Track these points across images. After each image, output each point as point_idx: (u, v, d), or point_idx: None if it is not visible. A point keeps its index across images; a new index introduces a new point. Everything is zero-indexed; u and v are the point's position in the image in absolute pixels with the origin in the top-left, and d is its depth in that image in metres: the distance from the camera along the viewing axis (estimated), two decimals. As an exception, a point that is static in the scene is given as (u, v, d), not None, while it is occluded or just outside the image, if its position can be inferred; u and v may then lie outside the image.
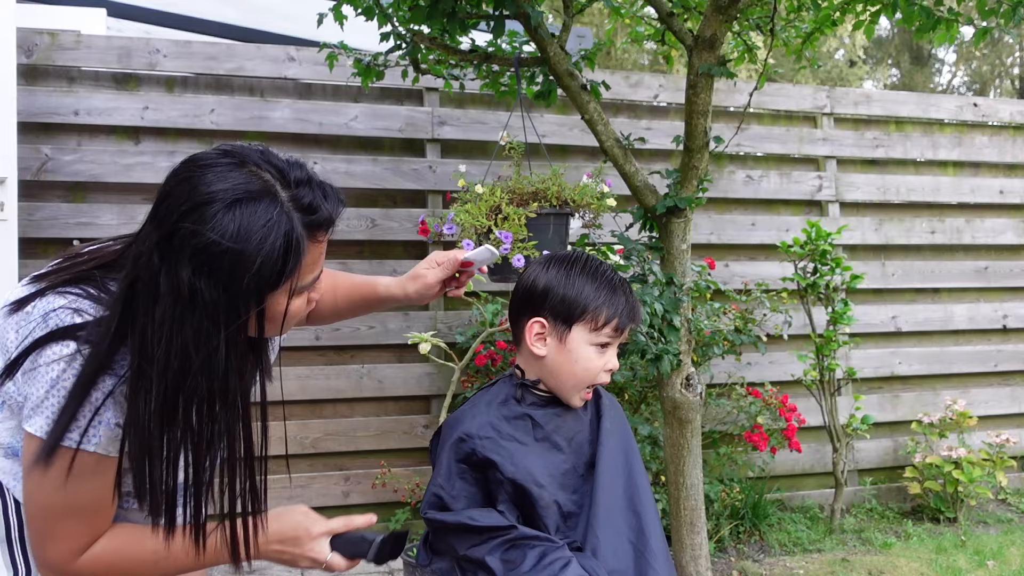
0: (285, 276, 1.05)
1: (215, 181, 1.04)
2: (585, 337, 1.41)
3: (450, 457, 1.39)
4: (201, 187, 1.04)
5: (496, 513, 1.35)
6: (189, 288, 1.00)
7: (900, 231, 4.35)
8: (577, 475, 1.43)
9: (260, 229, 1.02)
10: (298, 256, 1.06)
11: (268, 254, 1.02)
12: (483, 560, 1.31)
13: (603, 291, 1.42)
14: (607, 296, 1.42)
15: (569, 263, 1.46)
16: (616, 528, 1.39)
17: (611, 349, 1.45)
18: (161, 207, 1.06)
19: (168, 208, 1.05)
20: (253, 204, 1.03)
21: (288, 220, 1.04)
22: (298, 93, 3.62)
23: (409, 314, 3.59)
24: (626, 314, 1.43)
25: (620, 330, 1.43)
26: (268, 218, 1.03)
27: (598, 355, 1.43)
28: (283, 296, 1.09)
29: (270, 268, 1.03)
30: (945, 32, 2.43)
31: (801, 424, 3.68)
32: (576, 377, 1.43)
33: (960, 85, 17.93)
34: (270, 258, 1.02)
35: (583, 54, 2.92)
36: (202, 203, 1.02)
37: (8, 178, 2.94)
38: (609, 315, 1.41)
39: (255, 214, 1.02)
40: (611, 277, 1.45)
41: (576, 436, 1.46)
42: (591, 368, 1.42)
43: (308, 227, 1.07)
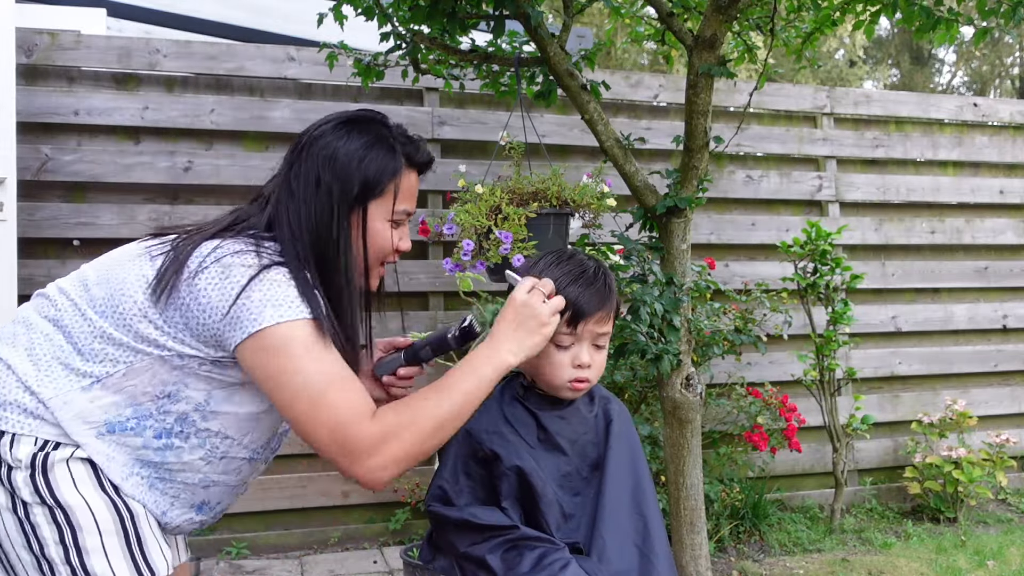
0: (385, 181, 1.34)
1: (335, 114, 1.39)
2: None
3: (456, 452, 1.39)
4: (326, 118, 1.38)
5: (499, 512, 1.35)
6: (316, 177, 1.31)
7: (900, 231, 4.35)
8: (580, 477, 1.44)
9: (369, 139, 1.35)
10: (397, 171, 1.35)
11: (373, 158, 1.33)
12: (483, 558, 1.32)
13: (558, 286, 1.39)
14: (561, 292, 1.39)
15: (534, 263, 1.47)
16: (622, 530, 1.39)
17: (578, 345, 1.42)
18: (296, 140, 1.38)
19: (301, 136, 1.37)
20: (365, 125, 1.36)
21: (391, 143, 1.36)
22: (298, 93, 3.62)
23: (409, 314, 3.60)
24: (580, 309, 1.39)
25: (573, 325, 1.40)
26: (377, 136, 1.35)
27: (559, 351, 1.41)
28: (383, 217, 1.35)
29: (374, 170, 1.33)
30: (945, 32, 2.43)
31: (801, 424, 3.68)
32: (546, 374, 1.43)
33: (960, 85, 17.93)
34: (374, 162, 1.33)
35: (583, 54, 2.92)
36: (326, 122, 1.37)
37: (8, 178, 2.94)
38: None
39: (365, 131, 1.36)
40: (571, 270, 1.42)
41: (580, 438, 1.46)
42: (556, 363, 1.41)
43: (406, 155, 1.37)
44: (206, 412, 1.28)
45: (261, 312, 1.19)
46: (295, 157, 1.35)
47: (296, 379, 1.20)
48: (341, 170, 1.31)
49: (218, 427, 1.30)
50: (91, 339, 1.24)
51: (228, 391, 1.29)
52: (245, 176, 3.45)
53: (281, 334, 1.20)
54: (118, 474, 1.25)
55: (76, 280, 1.32)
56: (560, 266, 1.43)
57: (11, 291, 2.89)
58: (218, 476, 1.34)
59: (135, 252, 1.31)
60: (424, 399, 1.27)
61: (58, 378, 1.23)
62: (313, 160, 1.32)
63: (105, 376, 1.23)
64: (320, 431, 1.21)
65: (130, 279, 1.26)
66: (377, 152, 1.33)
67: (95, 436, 1.23)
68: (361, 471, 1.22)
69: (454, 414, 1.27)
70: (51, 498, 1.20)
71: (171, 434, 1.27)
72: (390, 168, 1.34)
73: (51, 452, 1.21)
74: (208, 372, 1.26)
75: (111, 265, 1.31)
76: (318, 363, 1.21)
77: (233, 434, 1.31)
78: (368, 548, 3.43)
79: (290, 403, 1.21)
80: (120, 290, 1.26)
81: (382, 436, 1.21)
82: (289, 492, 3.44)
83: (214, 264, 1.22)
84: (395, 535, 3.50)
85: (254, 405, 1.31)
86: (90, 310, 1.26)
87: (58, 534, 1.20)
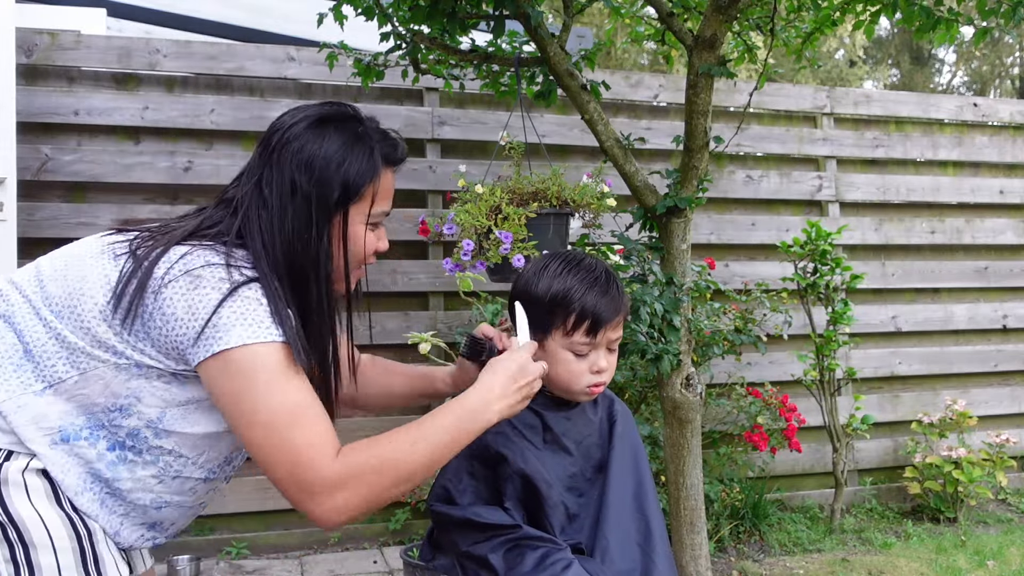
0: (365, 184, 1.26)
1: (307, 109, 1.30)
2: (561, 343, 1.40)
3: (460, 452, 1.39)
4: (297, 113, 1.29)
5: (501, 511, 1.35)
6: (291, 183, 1.22)
7: (900, 231, 4.35)
8: (584, 478, 1.44)
9: (347, 140, 1.26)
10: (376, 172, 1.27)
11: (352, 161, 1.25)
12: (485, 557, 1.31)
13: (575, 295, 1.38)
14: (579, 300, 1.37)
15: (542, 268, 1.43)
16: (625, 530, 1.39)
17: (595, 352, 1.41)
18: (265, 139, 1.29)
19: (270, 137, 1.28)
20: (340, 123, 1.27)
21: (369, 141, 1.27)
22: (298, 93, 3.62)
23: (409, 314, 3.59)
24: (600, 317, 1.38)
25: (593, 334, 1.39)
26: (353, 135, 1.26)
27: (577, 360, 1.41)
28: (361, 221, 1.28)
29: (354, 174, 1.24)
30: (945, 32, 2.43)
31: (801, 424, 3.68)
32: (564, 380, 1.42)
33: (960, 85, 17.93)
34: (353, 165, 1.24)
35: (583, 54, 2.92)
36: (298, 122, 1.27)
37: (8, 178, 2.94)
38: (577, 321, 1.38)
39: (342, 130, 1.27)
40: (585, 277, 1.40)
41: (585, 439, 1.46)
42: (575, 371, 1.41)
43: (384, 155, 1.29)
44: (159, 429, 1.21)
45: (229, 331, 1.12)
46: (266, 161, 1.25)
47: (258, 406, 1.13)
48: (319, 175, 1.22)
49: (171, 445, 1.22)
50: (44, 340, 1.17)
51: (183, 409, 1.21)
52: (245, 176, 3.45)
53: (248, 356, 1.12)
54: (72, 488, 1.18)
55: (31, 274, 1.24)
56: (572, 273, 1.40)
57: (11, 291, 2.88)
58: (171, 496, 1.27)
59: (96, 248, 1.23)
60: (397, 443, 1.19)
61: (10, 380, 1.16)
62: (287, 165, 1.23)
63: (58, 381, 1.17)
64: (278, 464, 1.14)
65: (91, 277, 1.18)
66: (355, 154, 1.25)
67: (49, 445, 1.17)
68: (317, 510, 1.14)
69: (425, 465, 1.20)
70: (3, 514, 1.14)
71: (124, 447, 1.20)
72: (369, 171, 1.26)
73: (4, 464, 1.15)
74: (166, 385, 1.19)
75: (69, 261, 1.23)
76: (283, 391, 1.13)
77: (187, 453, 1.24)
78: (368, 548, 3.43)
79: (248, 429, 1.14)
80: (79, 289, 1.18)
81: (342, 478, 1.14)
82: (289, 492, 3.43)
83: (183, 276, 1.14)
84: (395, 535, 3.50)
85: (211, 425, 1.24)
86: (45, 308, 1.19)
87: (9, 551, 1.13)
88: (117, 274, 1.17)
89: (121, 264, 1.18)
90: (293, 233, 1.22)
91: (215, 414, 1.23)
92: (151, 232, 1.24)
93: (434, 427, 1.21)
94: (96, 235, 1.29)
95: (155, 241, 1.21)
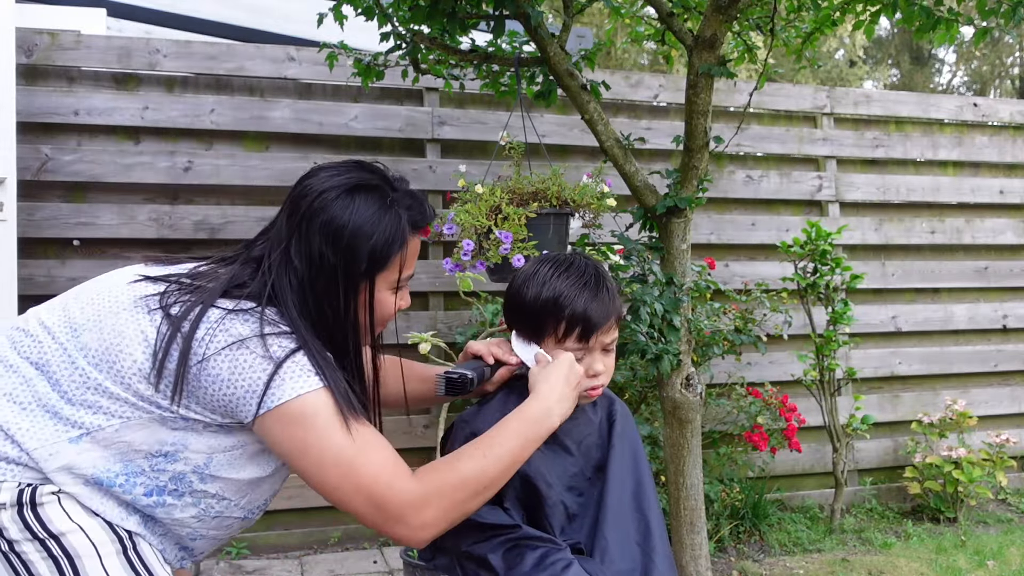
0: (392, 256, 1.28)
1: (339, 174, 1.29)
2: (556, 349, 1.40)
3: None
4: (326, 181, 1.28)
5: (501, 511, 1.35)
6: (319, 254, 1.24)
7: (900, 231, 4.35)
8: (584, 478, 1.44)
9: (375, 212, 1.26)
10: (403, 240, 1.28)
11: (381, 232, 1.26)
12: (485, 557, 1.31)
13: (564, 301, 1.37)
14: (569, 306, 1.37)
15: (532, 274, 1.42)
16: (625, 530, 1.39)
17: (589, 355, 1.41)
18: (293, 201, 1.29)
19: (299, 201, 1.28)
20: (368, 193, 1.28)
21: (396, 209, 1.29)
22: (298, 93, 3.62)
23: (409, 314, 3.59)
24: (590, 322, 1.37)
25: (585, 339, 1.38)
26: (381, 205, 1.27)
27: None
28: (387, 287, 1.31)
29: (381, 245, 1.26)
30: (945, 32, 2.43)
31: (801, 424, 3.68)
32: None
33: (960, 85, 17.93)
34: (381, 236, 1.26)
35: (583, 54, 2.92)
36: (327, 190, 1.26)
37: (8, 178, 2.94)
38: (568, 328, 1.37)
39: (370, 200, 1.27)
40: (575, 282, 1.39)
41: (585, 439, 1.46)
42: None
43: (411, 221, 1.30)
44: (205, 475, 1.22)
45: (280, 386, 1.16)
46: (295, 228, 1.26)
47: (324, 449, 1.17)
48: (347, 247, 1.24)
49: (216, 490, 1.24)
50: (82, 389, 1.17)
51: (230, 455, 1.23)
52: (245, 176, 3.45)
53: (303, 405, 1.16)
54: (110, 515, 1.20)
55: (61, 319, 1.23)
56: (561, 279, 1.39)
57: (11, 291, 2.89)
58: (207, 531, 1.29)
59: (128, 300, 1.22)
60: (470, 458, 1.24)
61: (44, 428, 1.16)
62: (315, 234, 1.24)
63: (96, 429, 1.16)
64: (359, 498, 1.18)
65: (128, 334, 1.18)
66: (383, 224, 1.26)
67: (83, 484, 1.17)
68: (405, 531, 1.20)
69: (500, 474, 1.26)
70: (43, 531, 1.14)
71: (163, 491, 1.21)
72: (397, 240, 1.27)
73: (38, 486, 1.15)
74: (213, 434, 1.21)
75: (102, 311, 1.21)
76: (342, 430, 1.17)
77: (231, 496, 1.27)
78: (368, 548, 3.43)
79: (321, 473, 1.18)
80: (117, 346, 1.17)
81: (425, 497, 1.19)
82: (289, 492, 3.43)
83: (227, 348, 1.16)
84: (395, 535, 3.49)
85: (258, 470, 1.27)
86: (82, 359, 1.18)
87: (55, 566, 1.14)
88: (155, 332, 1.18)
89: (157, 321, 1.19)
90: (324, 301, 1.25)
91: (261, 459, 1.26)
92: (180, 285, 1.24)
93: (503, 438, 1.27)
94: (123, 278, 1.27)
95: (190, 298, 1.21)
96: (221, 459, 1.23)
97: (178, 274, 1.27)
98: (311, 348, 1.21)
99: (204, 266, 1.30)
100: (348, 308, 1.26)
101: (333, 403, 1.18)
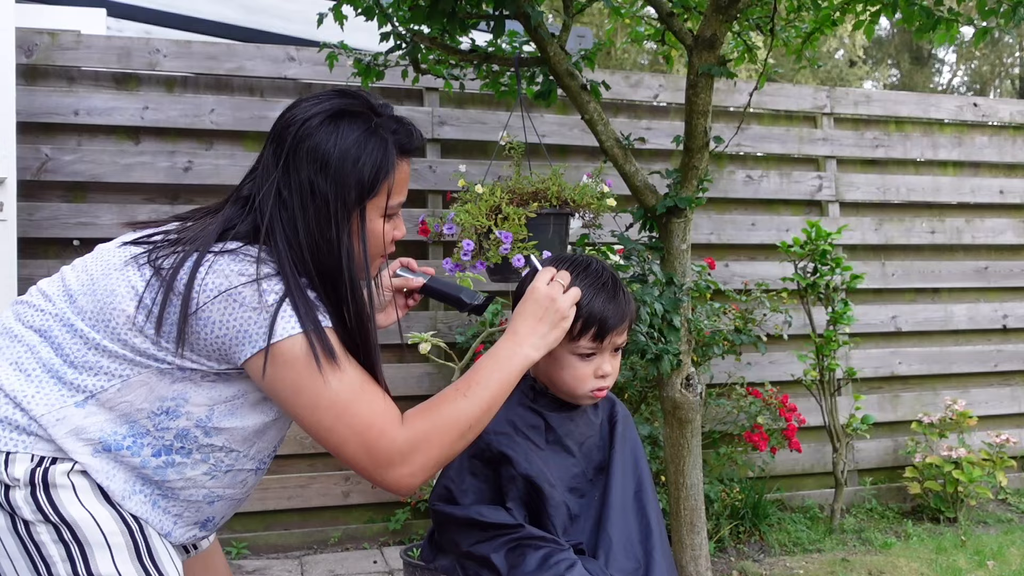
0: (380, 180, 1.27)
1: (321, 102, 1.28)
2: (567, 347, 1.40)
3: (462, 452, 1.39)
4: (309, 109, 1.27)
5: (504, 511, 1.35)
6: (309, 184, 1.23)
7: (900, 231, 4.35)
8: (586, 479, 1.44)
9: (360, 136, 1.25)
10: (390, 164, 1.28)
11: (367, 156, 1.25)
12: (487, 557, 1.31)
13: (582, 301, 1.37)
14: (586, 306, 1.37)
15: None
16: (628, 529, 1.40)
17: (599, 356, 1.41)
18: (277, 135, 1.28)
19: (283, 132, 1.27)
20: (352, 118, 1.27)
21: (383, 133, 1.28)
22: (298, 93, 3.62)
23: (409, 314, 3.59)
24: (607, 323, 1.38)
25: (600, 339, 1.39)
26: (366, 129, 1.27)
27: (583, 363, 1.41)
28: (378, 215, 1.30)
29: (370, 169, 1.25)
30: (945, 32, 2.43)
31: (801, 424, 3.68)
32: (568, 384, 1.42)
33: (960, 85, 17.94)
34: (369, 159, 1.25)
35: (583, 54, 2.92)
36: (310, 117, 1.25)
37: (8, 178, 2.94)
38: (583, 327, 1.38)
39: (354, 125, 1.26)
40: (592, 283, 1.40)
41: (587, 440, 1.47)
42: (580, 375, 1.41)
43: (399, 145, 1.30)
44: (208, 428, 1.23)
45: (271, 327, 1.16)
46: (281, 160, 1.25)
47: (318, 391, 1.17)
48: (335, 175, 1.23)
49: (222, 442, 1.25)
50: (83, 351, 1.19)
51: (230, 405, 1.24)
52: (245, 176, 3.45)
53: (293, 346, 1.16)
54: (119, 492, 1.20)
55: (59, 288, 1.25)
56: (579, 279, 1.39)
57: (11, 291, 2.89)
58: (223, 490, 1.30)
59: (118, 261, 1.23)
60: (452, 401, 1.25)
61: (50, 393, 1.18)
62: (303, 165, 1.24)
63: (100, 391, 1.18)
64: (348, 443, 1.19)
65: (119, 291, 1.19)
66: (370, 148, 1.25)
67: (92, 454, 1.18)
68: (392, 479, 1.20)
69: (482, 414, 1.26)
70: (55, 515, 1.16)
71: (171, 450, 1.22)
72: (384, 165, 1.27)
73: (50, 467, 1.16)
74: (211, 384, 1.21)
75: (95, 275, 1.23)
76: (338, 373, 1.18)
77: (238, 447, 1.27)
78: (368, 548, 3.43)
79: (313, 417, 1.18)
80: (110, 304, 1.19)
81: (413, 443, 1.20)
82: (289, 492, 3.43)
83: (223, 295, 1.16)
84: (395, 535, 3.50)
85: (259, 417, 1.27)
86: (80, 322, 1.20)
87: (65, 551, 1.16)
88: (143, 284, 1.19)
89: (147, 275, 1.19)
90: (316, 233, 1.23)
91: (262, 406, 1.26)
92: (170, 240, 1.24)
93: (483, 376, 1.27)
94: (114, 244, 1.29)
95: (181, 250, 1.21)
96: (223, 409, 1.23)
97: (166, 231, 1.28)
98: (301, 289, 1.20)
99: (191, 220, 1.30)
100: (341, 238, 1.24)
101: (322, 345, 1.18)
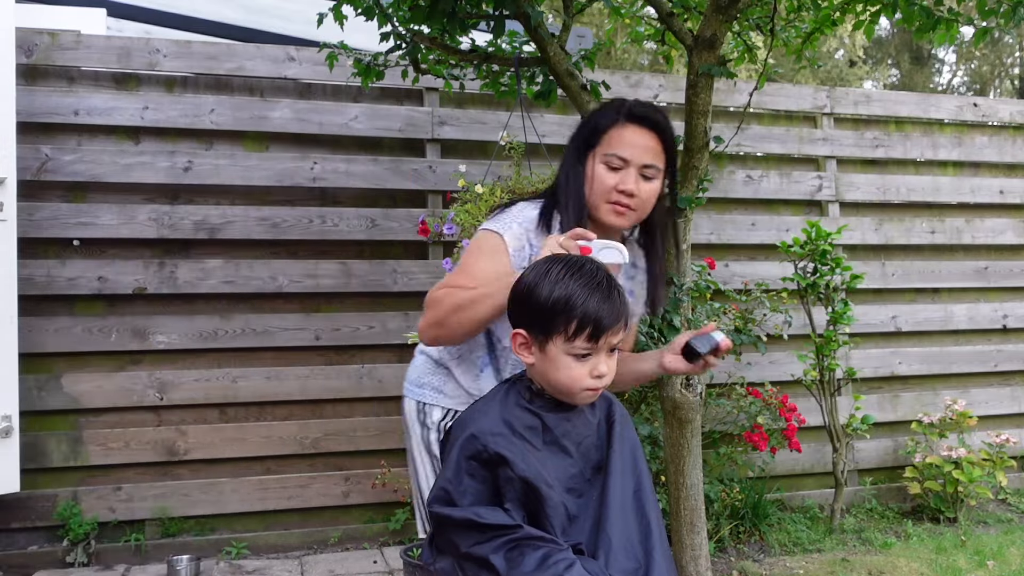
0: (602, 134, 1.75)
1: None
2: (562, 348, 1.39)
3: (459, 453, 1.39)
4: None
5: (502, 512, 1.35)
6: (571, 139, 1.82)
7: (900, 231, 4.35)
8: (583, 479, 1.44)
9: (600, 107, 1.85)
10: (612, 122, 1.75)
11: (601, 116, 1.78)
12: (486, 558, 1.31)
13: (576, 301, 1.37)
14: (580, 306, 1.37)
15: (543, 273, 1.42)
16: (628, 529, 1.40)
17: (595, 356, 1.41)
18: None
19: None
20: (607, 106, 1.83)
21: (616, 104, 1.78)
22: (298, 93, 3.62)
23: (409, 314, 3.59)
24: (601, 324, 1.38)
25: (595, 340, 1.38)
26: (608, 105, 1.80)
27: (579, 364, 1.41)
28: (600, 161, 1.74)
29: (595, 123, 1.78)
30: (945, 32, 2.43)
31: (801, 424, 3.68)
32: (563, 384, 1.41)
33: (960, 85, 17.94)
34: (600, 119, 1.77)
35: (583, 54, 2.92)
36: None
37: (8, 178, 2.94)
38: (579, 327, 1.37)
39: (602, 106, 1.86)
40: (587, 283, 1.39)
41: (584, 441, 1.46)
42: (575, 376, 1.40)
43: (623, 110, 1.76)
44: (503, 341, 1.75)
45: (488, 222, 1.76)
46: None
47: (466, 258, 1.70)
48: (579, 128, 1.81)
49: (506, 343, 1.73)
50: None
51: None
52: (245, 176, 3.45)
53: (483, 234, 1.72)
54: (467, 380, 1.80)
55: None
56: (574, 279, 1.39)
57: (11, 291, 2.88)
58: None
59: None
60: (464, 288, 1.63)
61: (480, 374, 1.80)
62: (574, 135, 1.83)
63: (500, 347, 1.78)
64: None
65: None
66: (601, 112, 1.78)
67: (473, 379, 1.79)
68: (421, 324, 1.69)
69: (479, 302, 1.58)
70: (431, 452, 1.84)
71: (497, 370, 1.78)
72: (607, 122, 1.75)
73: (448, 422, 1.76)
74: None
75: None
76: (478, 259, 1.67)
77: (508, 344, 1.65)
78: (368, 548, 3.43)
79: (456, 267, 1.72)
80: None
81: (426, 303, 1.65)
82: (289, 492, 3.44)
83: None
84: (395, 535, 3.50)
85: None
86: None
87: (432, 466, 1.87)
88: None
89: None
90: (563, 169, 1.79)
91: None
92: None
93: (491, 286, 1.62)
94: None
95: None
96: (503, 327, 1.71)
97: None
98: (520, 214, 1.74)
99: None
100: (576, 171, 1.75)
101: (494, 243, 1.69)
